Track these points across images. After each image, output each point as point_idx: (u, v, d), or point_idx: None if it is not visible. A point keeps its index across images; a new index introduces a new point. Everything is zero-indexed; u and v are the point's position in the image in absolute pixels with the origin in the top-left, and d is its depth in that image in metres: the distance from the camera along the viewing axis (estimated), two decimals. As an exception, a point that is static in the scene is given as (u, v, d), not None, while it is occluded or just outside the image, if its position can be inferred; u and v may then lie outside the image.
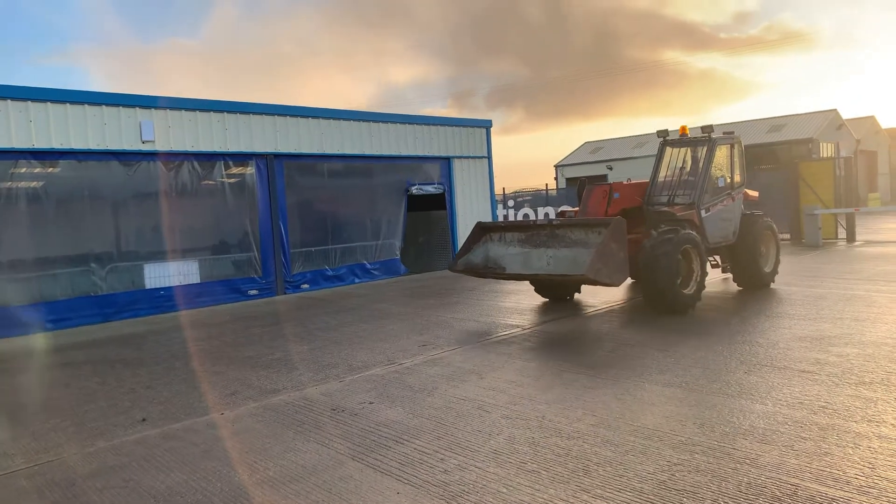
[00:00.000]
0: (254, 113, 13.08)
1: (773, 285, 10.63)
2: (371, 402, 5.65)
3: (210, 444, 4.89)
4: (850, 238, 17.66)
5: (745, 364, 6.14)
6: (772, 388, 5.37)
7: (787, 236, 18.52)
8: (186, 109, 12.11)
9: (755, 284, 10.37)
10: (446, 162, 16.76)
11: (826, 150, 36.06)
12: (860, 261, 13.64)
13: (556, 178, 46.90)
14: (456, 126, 17.06)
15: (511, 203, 27.29)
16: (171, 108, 11.90)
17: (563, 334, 8.09)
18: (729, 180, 10.14)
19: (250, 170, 13.12)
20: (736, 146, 10.39)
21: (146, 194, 11.78)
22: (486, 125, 18.02)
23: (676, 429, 4.61)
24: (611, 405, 5.21)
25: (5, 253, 10.22)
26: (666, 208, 9.58)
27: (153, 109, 11.64)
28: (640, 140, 45.71)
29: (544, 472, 4.02)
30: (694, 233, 8.99)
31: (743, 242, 10.23)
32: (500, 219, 25.82)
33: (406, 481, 4.03)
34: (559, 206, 24.48)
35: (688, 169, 10.19)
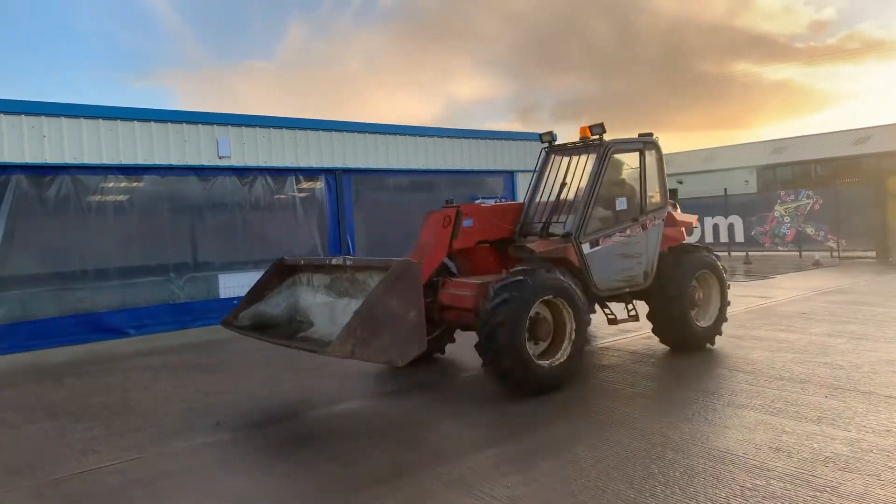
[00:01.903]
0: (323, 129, 13.49)
1: (717, 344, 7.66)
2: (434, 414, 5.66)
3: (278, 447, 5.04)
4: (944, 256, 16.51)
5: (826, 388, 5.83)
6: (855, 414, 5.09)
7: (874, 254, 17.56)
8: (260, 126, 12.62)
9: (682, 344, 7.48)
10: (510, 176, 16.75)
11: (915, 162, 33.95)
12: (955, 281, 12.73)
13: (622, 193, 45.96)
14: (520, 140, 17.04)
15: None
16: (246, 126, 12.43)
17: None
18: (637, 201, 7.18)
19: (320, 184, 13.51)
20: (650, 154, 7.37)
21: (222, 207, 12.31)
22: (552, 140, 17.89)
23: (750, 452, 4.43)
24: (681, 427, 5.06)
25: (94, 262, 10.88)
26: (536, 241, 6.95)
27: (229, 126, 12.19)
28: (711, 153, 44.42)
29: (609, 491, 3.94)
30: (563, 276, 6.22)
31: (660, 287, 7.27)
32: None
33: None
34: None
35: (577, 187, 7.29)
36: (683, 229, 7.93)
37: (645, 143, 7.34)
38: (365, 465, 4.57)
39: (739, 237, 20.43)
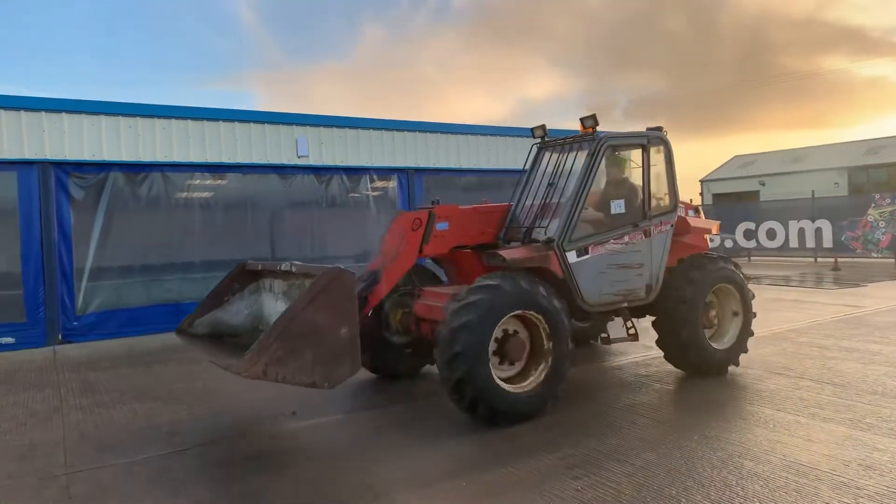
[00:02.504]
0: (396, 129, 13.73)
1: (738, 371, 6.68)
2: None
3: (354, 438, 5.17)
4: None
5: (924, 404, 5.45)
6: (957, 433, 4.72)
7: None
8: (337, 126, 12.98)
9: (695, 368, 6.51)
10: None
11: None
12: None
13: (701, 194, 44.46)
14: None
15: (650, 219, 26.18)
16: (324, 126, 12.82)
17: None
18: (638, 205, 6.29)
19: (392, 184, 13.74)
20: (656, 151, 6.46)
21: (300, 205, 12.75)
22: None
23: (838, 469, 4.19)
24: (760, 438, 4.84)
25: (181, 255, 11.49)
26: (513, 247, 6.09)
27: (308, 127, 12.59)
28: (797, 154, 42.22)
29: (683, 500, 3.83)
30: (539, 288, 5.41)
31: (667, 304, 6.37)
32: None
33: None
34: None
35: (566, 187, 6.36)
36: (707, 237, 7.06)
37: (650, 139, 6.38)
38: (449, 454, 4.62)
39: (827, 242, 19.32)
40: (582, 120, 6.28)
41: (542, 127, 6.94)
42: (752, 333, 6.83)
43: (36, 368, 8.35)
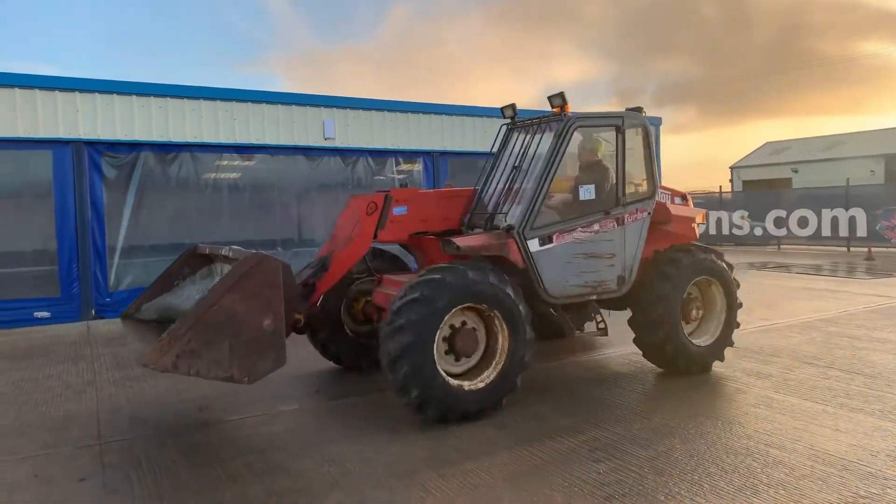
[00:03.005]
0: (422, 112, 13.70)
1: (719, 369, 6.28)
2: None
3: (383, 420, 5.24)
4: None
5: (957, 396, 5.34)
6: None
7: None
8: (363, 109, 13.00)
9: (674, 366, 6.11)
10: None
11: None
12: None
13: (730, 181, 43.70)
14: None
15: (678, 206, 25.79)
16: (350, 108, 12.85)
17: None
18: (611, 190, 5.89)
19: (418, 166, 13.75)
20: (633, 133, 6.01)
21: (326, 186, 12.83)
22: (656, 123, 17.26)
23: (865, 459, 4.14)
24: (786, 427, 4.80)
25: (209, 234, 11.65)
26: (471, 235, 5.75)
27: (334, 109, 12.64)
28: (831, 141, 41.18)
29: (706, 485, 3.82)
30: (493, 279, 5.08)
31: (641, 298, 6.00)
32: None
33: (559, 476, 4.02)
34: (734, 211, 22.75)
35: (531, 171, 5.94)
36: (695, 226, 6.61)
37: (625, 119, 5.91)
38: (454, 443, 4.67)
39: (861, 231, 18.87)
40: (550, 98, 5.80)
41: (512, 106, 6.54)
42: (737, 325, 6.50)
43: (70, 342, 8.59)
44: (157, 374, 6.67)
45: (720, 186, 24.87)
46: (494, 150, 6.62)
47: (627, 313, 6.23)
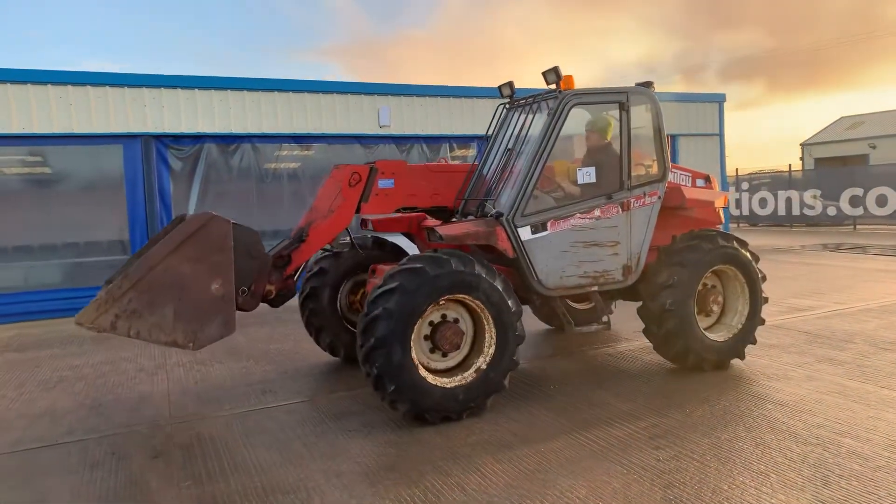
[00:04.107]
0: (476, 97, 13.60)
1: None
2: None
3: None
4: None
5: None
6: None
7: None
8: (417, 95, 13.02)
9: (685, 360, 5.66)
10: (672, 139, 15.83)
11: None
12: None
13: (801, 158, 41.65)
14: (683, 102, 15.98)
15: (745, 186, 24.83)
16: (404, 95, 12.89)
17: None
18: (615, 173, 5.48)
19: (472, 151, 13.68)
20: (640, 110, 5.60)
21: (382, 174, 12.97)
22: (719, 99, 16.62)
23: (949, 450, 3.90)
24: (860, 415, 4.56)
25: (270, 222, 11.97)
26: (458, 222, 5.46)
27: (389, 96, 12.71)
28: (916, 113, 38.60)
29: (773, 475, 3.68)
30: (478, 268, 4.74)
31: (651, 286, 5.58)
32: (732, 203, 23.33)
33: (617, 463, 3.96)
34: (805, 190, 21.72)
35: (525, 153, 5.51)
36: (720, 210, 6.20)
37: (630, 95, 5.46)
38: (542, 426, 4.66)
39: (947, 210, 17.70)
40: (544, 74, 5.37)
41: (510, 84, 6.06)
42: (762, 321, 5.98)
43: (143, 328, 9.01)
44: (223, 358, 6.98)
45: (790, 165, 23.77)
46: (489, 132, 6.22)
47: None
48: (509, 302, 4.86)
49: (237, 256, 4.65)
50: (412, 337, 4.59)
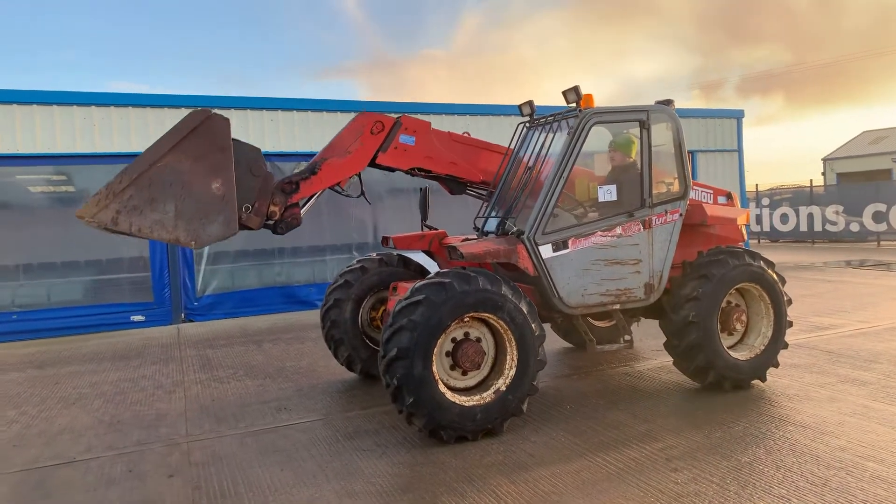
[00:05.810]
0: (492, 114, 13.70)
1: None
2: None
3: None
4: None
5: None
6: None
7: None
8: (434, 113, 13.10)
9: (705, 377, 5.58)
10: (690, 156, 15.74)
11: None
12: None
13: (823, 174, 41.12)
14: (701, 117, 15.91)
15: (766, 202, 24.54)
16: (422, 113, 12.98)
17: None
18: (635, 191, 5.46)
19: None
20: (660, 128, 5.61)
21: (399, 191, 13.03)
22: (737, 115, 16.52)
23: (978, 476, 3.78)
24: (885, 438, 4.45)
25: (290, 240, 12.07)
26: (480, 241, 5.39)
27: (407, 114, 12.81)
28: (940, 127, 37.98)
29: (794, 500, 3.60)
30: (505, 288, 4.74)
31: (674, 295, 5.54)
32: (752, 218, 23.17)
33: (634, 486, 3.90)
34: (827, 205, 21.42)
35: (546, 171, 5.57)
36: (742, 227, 6.19)
37: (650, 113, 5.48)
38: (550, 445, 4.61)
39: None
40: (564, 93, 5.38)
41: (529, 103, 6.04)
42: (785, 345, 5.88)
43: (162, 345, 9.11)
44: (240, 376, 7.01)
45: (811, 180, 23.43)
46: (511, 149, 6.24)
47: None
48: (533, 325, 4.83)
49: (239, 173, 4.64)
50: (434, 351, 4.57)
